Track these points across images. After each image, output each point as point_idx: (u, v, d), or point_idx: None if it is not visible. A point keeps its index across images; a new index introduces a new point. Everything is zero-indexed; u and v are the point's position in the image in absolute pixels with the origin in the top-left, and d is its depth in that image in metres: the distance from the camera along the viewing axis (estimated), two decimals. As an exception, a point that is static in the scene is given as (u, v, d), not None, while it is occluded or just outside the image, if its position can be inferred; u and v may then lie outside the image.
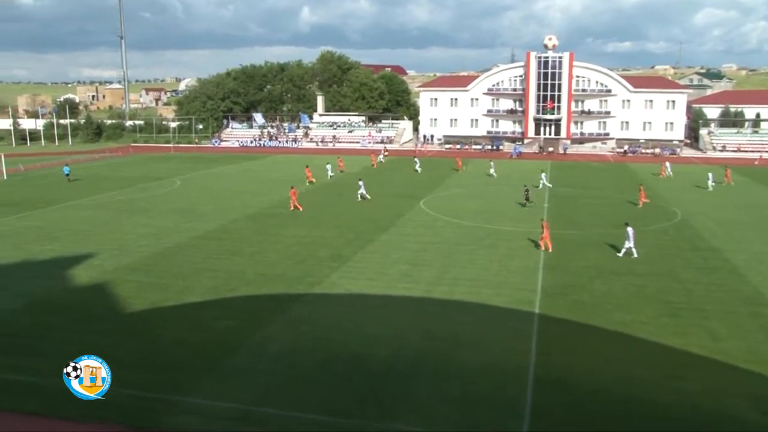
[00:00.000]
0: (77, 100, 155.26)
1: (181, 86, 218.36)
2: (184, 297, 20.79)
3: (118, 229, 31.41)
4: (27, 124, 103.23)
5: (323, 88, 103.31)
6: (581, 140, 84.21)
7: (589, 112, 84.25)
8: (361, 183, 41.74)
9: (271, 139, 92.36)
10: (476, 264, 24.87)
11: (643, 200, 38.01)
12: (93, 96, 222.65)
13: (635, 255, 25.35)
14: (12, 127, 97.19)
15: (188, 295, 21.02)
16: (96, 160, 69.71)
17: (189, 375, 15.17)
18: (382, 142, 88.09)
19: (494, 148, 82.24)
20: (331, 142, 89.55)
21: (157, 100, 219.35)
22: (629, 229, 25.52)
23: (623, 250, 25.60)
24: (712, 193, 43.89)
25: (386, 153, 72.80)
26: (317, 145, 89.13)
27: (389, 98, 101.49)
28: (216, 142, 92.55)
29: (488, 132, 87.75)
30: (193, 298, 20.67)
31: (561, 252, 26.60)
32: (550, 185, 46.05)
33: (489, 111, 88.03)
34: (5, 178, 52.83)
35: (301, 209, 36.07)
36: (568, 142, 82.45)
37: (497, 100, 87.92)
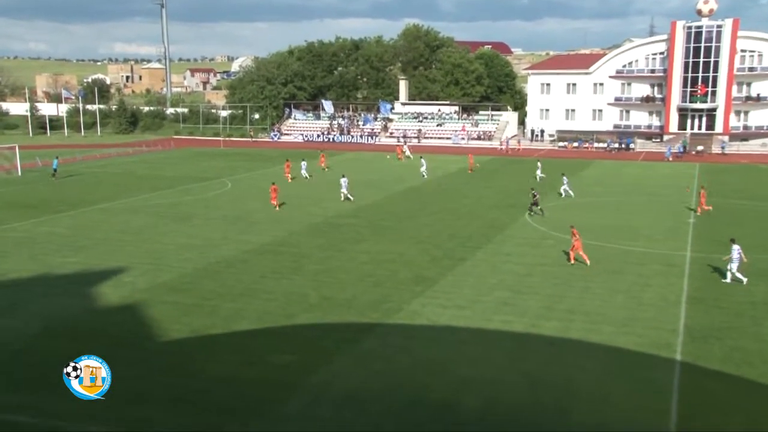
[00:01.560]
0: (108, 82, 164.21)
1: (234, 66, 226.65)
2: (233, 324, 21.43)
3: (154, 239, 32.87)
4: (47, 109, 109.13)
5: (407, 70, 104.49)
6: (745, 135, 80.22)
7: (758, 98, 80.00)
8: (343, 181, 43.89)
9: (342, 132, 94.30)
10: (596, 293, 24.28)
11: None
12: (127, 77, 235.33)
13: (743, 280, 25.14)
14: (29, 113, 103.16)
15: (237, 321, 21.66)
16: (130, 156, 73.70)
17: (235, 420, 15.54)
18: (479, 138, 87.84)
19: (622, 146, 79.93)
20: (415, 137, 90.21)
21: (204, 83, 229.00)
22: (735, 247, 25.62)
23: (728, 275, 25.56)
24: None
25: (406, 149, 74.03)
26: (398, 140, 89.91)
27: (489, 83, 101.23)
28: (275, 135, 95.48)
29: (615, 126, 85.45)
30: (243, 326, 21.28)
31: (713, 282, 25.45)
32: (572, 194, 45.16)
33: (617, 99, 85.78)
34: (20, 174, 56.67)
35: (278, 209, 39.99)
36: (726, 138, 78.74)
37: (628, 85, 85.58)
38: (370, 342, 19.94)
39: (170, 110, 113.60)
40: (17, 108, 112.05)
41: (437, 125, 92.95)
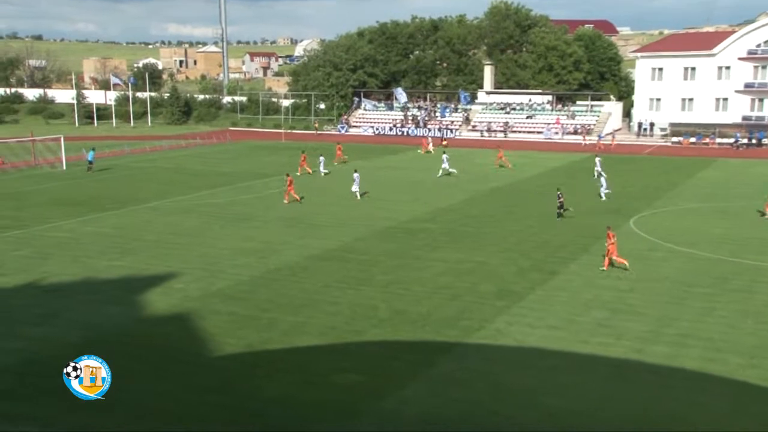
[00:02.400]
0: (160, 67, 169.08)
1: (298, 50, 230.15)
2: (293, 338, 21.74)
3: (208, 242, 33.68)
4: (94, 96, 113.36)
5: (493, 54, 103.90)
6: None
7: None
8: (356, 176, 44.98)
9: (417, 125, 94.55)
10: (717, 316, 23.56)
11: None
12: (181, 61, 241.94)
13: None
14: (75, 101, 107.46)
15: (298, 336, 21.96)
16: (182, 149, 75.80)
17: (293, 444, 15.79)
18: (575, 132, 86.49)
19: (753, 141, 77.16)
20: (501, 130, 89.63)
21: (265, 69, 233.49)
22: None
23: None
24: None
25: (446, 143, 74.94)
26: (482, 135, 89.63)
27: (589, 69, 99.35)
28: (343, 128, 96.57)
29: (744, 118, 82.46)
30: (304, 341, 21.56)
31: None
32: (608, 192, 45.09)
33: (748, 86, 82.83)
34: (64, 168, 59.02)
35: (298, 200, 42.64)
36: None
37: (762, 68, 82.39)
38: (446, 364, 19.88)
39: (227, 99, 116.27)
40: (63, 95, 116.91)
41: (527, 117, 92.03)
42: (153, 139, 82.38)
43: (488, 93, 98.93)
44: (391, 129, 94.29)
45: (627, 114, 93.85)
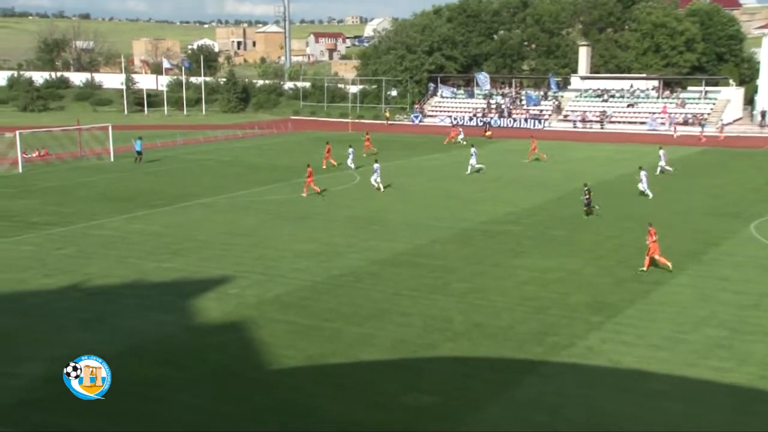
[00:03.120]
0: (216, 49, 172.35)
1: (368, 30, 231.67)
2: (358, 352, 21.81)
3: (266, 243, 34.08)
4: (145, 82, 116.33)
5: (590, 34, 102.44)
6: None
7: None
8: (376, 167, 46.61)
9: (501, 115, 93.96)
10: None
11: None
12: (239, 43, 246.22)
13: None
14: (124, 87, 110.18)
15: (364, 349, 22.01)
16: (239, 140, 77.04)
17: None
18: (685, 123, 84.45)
19: None
20: (597, 120, 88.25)
21: (331, 51, 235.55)
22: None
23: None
24: None
25: (490, 134, 76.86)
26: (575, 126, 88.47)
27: (704, 49, 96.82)
28: (417, 117, 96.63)
29: None
30: (371, 355, 21.61)
31: None
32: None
33: None
34: (112, 160, 60.61)
35: (317, 192, 44.31)
36: None
37: None
38: (531, 385, 19.66)
39: (288, 84, 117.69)
40: (112, 80, 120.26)
41: (628, 106, 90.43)
42: (207, 129, 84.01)
43: (583, 78, 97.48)
44: (471, 119, 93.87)
45: (750, 101, 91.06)
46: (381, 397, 19.07)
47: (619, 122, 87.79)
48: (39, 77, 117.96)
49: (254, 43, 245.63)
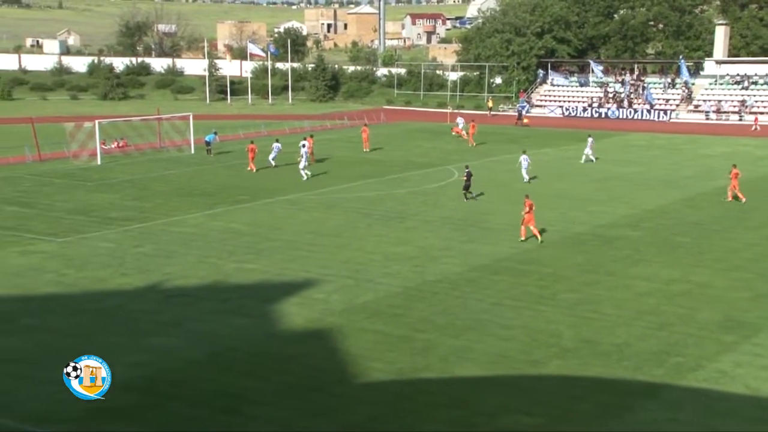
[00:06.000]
0: (305, 32, 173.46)
1: (471, 11, 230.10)
2: (453, 367, 21.76)
3: (354, 245, 34.33)
4: (229, 68, 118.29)
5: (729, 11, 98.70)
6: None
7: None
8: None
9: (620, 105, 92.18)
10: None
11: None
12: (329, 25, 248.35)
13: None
14: (207, 73, 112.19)
15: (460, 364, 21.95)
16: (327, 131, 77.73)
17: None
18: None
19: None
20: (735, 111, 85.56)
21: (429, 34, 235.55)
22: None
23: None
24: None
25: (526, 121, 77.37)
26: (707, 117, 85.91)
27: None
28: (523, 107, 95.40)
29: None
30: (467, 371, 21.54)
31: None
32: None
33: None
34: (192, 151, 61.98)
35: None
36: None
37: None
38: (648, 411, 19.26)
39: (382, 71, 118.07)
40: (194, 66, 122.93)
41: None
42: (293, 119, 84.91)
43: (719, 63, 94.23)
44: (585, 109, 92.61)
45: None
46: (477, 417, 18.99)
47: (762, 113, 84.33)
48: (119, 63, 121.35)
49: (345, 26, 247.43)
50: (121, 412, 18.79)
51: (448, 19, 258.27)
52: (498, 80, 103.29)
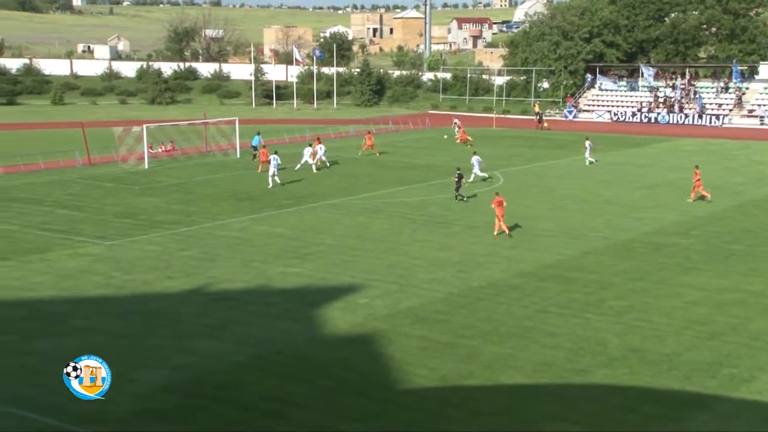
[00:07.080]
0: (350, 36, 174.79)
1: (518, 15, 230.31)
2: (497, 374, 21.69)
3: (398, 249, 34.42)
4: (274, 73, 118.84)
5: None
6: None
7: None
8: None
9: (670, 110, 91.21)
10: None
11: None
12: (374, 30, 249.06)
13: None
14: (253, 78, 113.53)
15: (504, 371, 21.87)
16: (372, 136, 77.55)
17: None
18: None
19: None
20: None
21: (475, 38, 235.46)
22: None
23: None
24: None
25: (546, 125, 78.22)
26: (761, 122, 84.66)
27: None
28: (570, 112, 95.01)
29: None
30: (511, 378, 21.46)
31: None
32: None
33: None
34: (238, 156, 62.51)
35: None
36: None
37: None
38: (700, 423, 19.05)
39: (427, 75, 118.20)
40: (240, 71, 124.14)
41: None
42: (338, 124, 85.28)
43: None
44: (634, 114, 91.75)
45: None
46: (522, 425, 18.92)
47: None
48: (167, 68, 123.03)
49: (391, 30, 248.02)
50: (166, 414, 19.08)
51: (495, 23, 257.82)
52: (545, 85, 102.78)
